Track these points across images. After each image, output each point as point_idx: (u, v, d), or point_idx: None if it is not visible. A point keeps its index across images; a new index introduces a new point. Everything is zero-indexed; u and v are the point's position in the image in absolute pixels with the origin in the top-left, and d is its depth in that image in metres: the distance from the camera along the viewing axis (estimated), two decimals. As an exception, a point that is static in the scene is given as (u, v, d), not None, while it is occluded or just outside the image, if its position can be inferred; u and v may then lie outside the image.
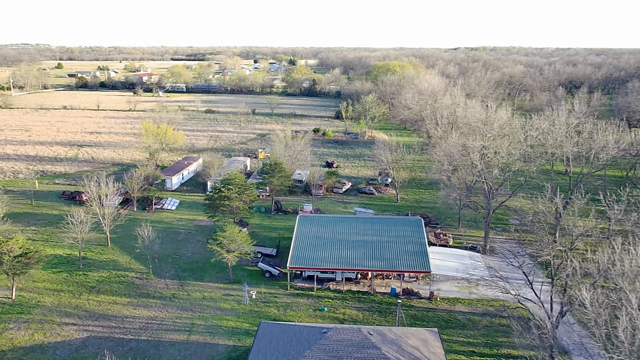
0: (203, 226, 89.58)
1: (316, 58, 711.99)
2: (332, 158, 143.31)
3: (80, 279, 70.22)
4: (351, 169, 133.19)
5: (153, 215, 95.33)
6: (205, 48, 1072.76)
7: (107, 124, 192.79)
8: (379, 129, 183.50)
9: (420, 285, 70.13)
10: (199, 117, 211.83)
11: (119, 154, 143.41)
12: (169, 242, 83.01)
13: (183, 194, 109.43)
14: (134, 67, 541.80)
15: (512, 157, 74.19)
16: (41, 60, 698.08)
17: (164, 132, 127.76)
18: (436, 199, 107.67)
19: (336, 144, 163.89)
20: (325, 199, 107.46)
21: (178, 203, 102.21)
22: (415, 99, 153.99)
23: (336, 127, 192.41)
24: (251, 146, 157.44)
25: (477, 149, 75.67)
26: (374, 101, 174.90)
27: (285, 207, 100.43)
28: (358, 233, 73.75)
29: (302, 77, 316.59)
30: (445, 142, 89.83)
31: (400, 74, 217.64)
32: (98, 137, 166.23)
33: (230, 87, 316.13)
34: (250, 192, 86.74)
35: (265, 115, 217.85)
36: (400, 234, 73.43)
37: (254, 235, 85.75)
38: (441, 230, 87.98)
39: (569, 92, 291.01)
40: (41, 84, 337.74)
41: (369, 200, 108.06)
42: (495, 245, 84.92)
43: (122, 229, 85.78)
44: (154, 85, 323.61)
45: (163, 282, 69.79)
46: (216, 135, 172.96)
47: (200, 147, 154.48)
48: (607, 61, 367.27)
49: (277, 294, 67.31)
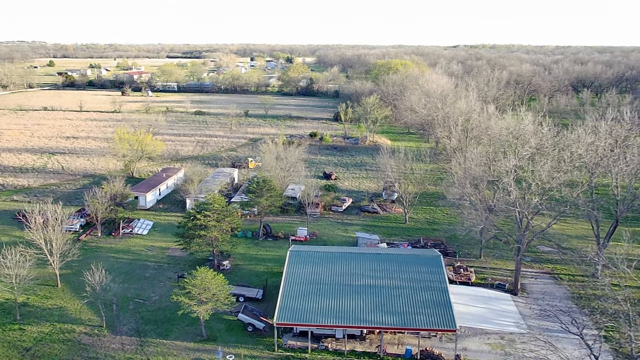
0: (177, 258, 75.14)
1: (314, 56, 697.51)
2: (330, 168, 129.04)
3: (13, 337, 55.71)
4: (352, 181, 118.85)
5: (119, 243, 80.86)
6: (202, 45, 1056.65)
7: (87, 128, 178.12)
8: (381, 133, 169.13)
9: (442, 344, 55.89)
10: (187, 119, 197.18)
11: (93, 163, 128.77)
12: (134, 280, 68.64)
13: (159, 213, 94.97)
14: (126, 64, 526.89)
15: (555, 181, 59.75)
16: (34, 57, 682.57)
17: (141, 140, 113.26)
18: (450, 218, 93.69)
19: (335, 150, 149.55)
20: (323, 220, 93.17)
21: (151, 226, 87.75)
22: (422, 102, 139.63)
23: (334, 130, 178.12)
24: (241, 153, 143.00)
25: (510, 170, 61.25)
26: (375, 103, 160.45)
27: (276, 230, 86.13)
28: (363, 275, 59.49)
29: (298, 75, 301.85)
30: (464, 157, 75.33)
31: (403, 73, 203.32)
32: (74, 143, 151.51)
33: (224, 87, 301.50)
34: (233, 218, 72.33)
35: (259, 117, 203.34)
36: (415, 276, 59.19)
37: (236, 271, 71.54)
38: (461, 263, 73.74)
39: (577, 92, 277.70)
40: (26, 82, 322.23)
41: (372, 220, 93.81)
42: (526, 282, 70.74)
43: (79, 263, 71.40)
44: (144, 85, 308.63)
45: (118, 341, 55.36)
46: (204, 140, 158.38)
47: (185, 155, 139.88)
48: (617, 59, 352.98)
49: (262, 357, 53.07)
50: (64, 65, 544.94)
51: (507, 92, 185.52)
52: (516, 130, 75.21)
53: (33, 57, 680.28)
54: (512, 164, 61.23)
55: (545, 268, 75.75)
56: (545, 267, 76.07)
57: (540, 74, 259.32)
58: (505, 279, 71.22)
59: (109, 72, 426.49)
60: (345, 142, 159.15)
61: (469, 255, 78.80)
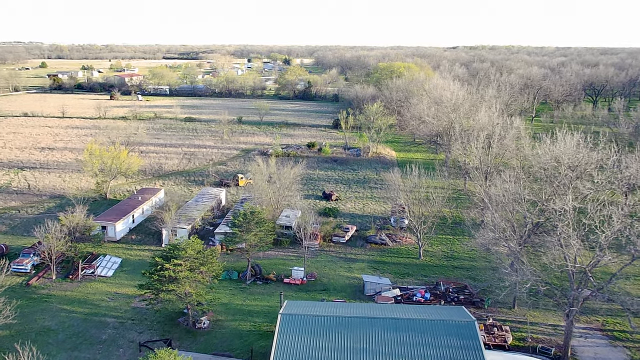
0: (143, 312, 61.14)
1: (312, 57, 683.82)
2: (330, 185, 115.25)
3: None
4: (355, 202, 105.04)
5: (76, 289, 66.88)
6: (199, 46, 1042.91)
7: (67, 137, 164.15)
8: (384, 143, 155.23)
9: None
10: (175, 126, 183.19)
11: (64, 180, 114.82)
12: (85, 346, 54.72)
13: (130, 246, 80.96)
14: (120, 66, 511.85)
15: (635, 230, 45.51)
16: (28, 59, 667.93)
17: (115, 156, 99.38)
18: (471, 252, 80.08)
19: (335, 163, 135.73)
20: (322, 254, 79.36)
21: (119, 264, 73.84)
22: (432, 111, 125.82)
23: (334, 139, 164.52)
24: (231, 167, 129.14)
25: (569, 213, 47.34)
26: (379, 111, 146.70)
27: (267, 271, 72.31)
28: (375, 350, 45.71)
29: (296, 78, 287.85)
30: (495, 188, 61.23)
31: (407, 77, 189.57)
32: (48, 156, 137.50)
33: (218, 90, 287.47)
34: (211, 265, 58.43)
35: (253, 124, 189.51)
36: (442, 351, 45.45)
37: (216, 329, 57.74)
38: (493, 320, 60.04)
39: (588, 97, 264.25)
40: (11, 85, 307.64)
41: (380, 255, 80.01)
42: (575, 342, 56.95)
43: (21, 317, 57.64)
44: (134, 88, 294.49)
45: None
46: (191, 152, 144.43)
47: (169, 170, 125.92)
48: (627, 61, 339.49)
49: None
50: (57, 66, 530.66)
51: (520, 98, 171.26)
52: (571, 160, 60.97)
53: (27, 59, 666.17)
54: (570, 205, 47.29)
55: (594, 322, 62.09)
56: (593, 320, 62.40)
57: (550, 78, 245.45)
58: (549, 340, 57.56)
59: (101, 74, 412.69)
60: (346, 153, 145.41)
61: (498, 304, 64.99)
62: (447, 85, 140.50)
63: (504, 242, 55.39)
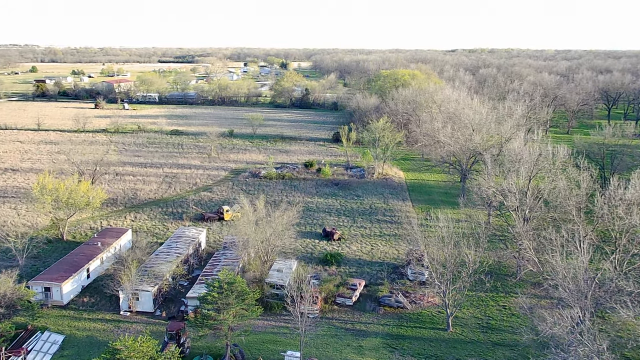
0: None
1: (310, 60, 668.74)
2: (331, 219, 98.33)
3: None
4: (361, 242, 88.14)
5: (-7, 390, 50.05)
6: (195, 49, 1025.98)
7: (37, 154, 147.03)
8: (391, 161, 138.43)
9: None
10: (160, 140, 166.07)
11: (18, 214, 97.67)
12: None
13: (80, 314, 63.76)
14: (111, 70, 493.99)
15: None
16: (20, 62, 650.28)
17: (73, 190, 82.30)
18: (514, 318, 63.39)
19: (336, 187, 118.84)
20: (324, 324, 62.33)
21: (59, 344, 56.78)
22: (447, 130, 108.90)
23: (334, 156, 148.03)
24: (217, 194, 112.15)
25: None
26: (386, 127, 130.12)
27: (252, 353, 55.34)
28: None
29: (292, 85, 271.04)
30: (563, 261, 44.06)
31: (413, 87, 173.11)
32: (8, 180, 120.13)
33: (211, 97, 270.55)
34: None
35: (246, 137, 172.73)
36: None
37: None
38: None
39: (602, 105, 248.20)
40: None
41: (397, 323, 63.14)
42: None
43: None
44: (121, 95, 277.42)
45: None
46: (173, 173, 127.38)
47: (145, 198, 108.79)
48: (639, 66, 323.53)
49: None
50: (47, 70, 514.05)
51: (541, 111, 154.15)
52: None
53: (19, 62, 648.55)
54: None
55: None
56: None
57: (564, 86, 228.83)
58: None
59: (92, 79, 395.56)
60: (348, 174, 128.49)
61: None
62: (464, 99, 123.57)
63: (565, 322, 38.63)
